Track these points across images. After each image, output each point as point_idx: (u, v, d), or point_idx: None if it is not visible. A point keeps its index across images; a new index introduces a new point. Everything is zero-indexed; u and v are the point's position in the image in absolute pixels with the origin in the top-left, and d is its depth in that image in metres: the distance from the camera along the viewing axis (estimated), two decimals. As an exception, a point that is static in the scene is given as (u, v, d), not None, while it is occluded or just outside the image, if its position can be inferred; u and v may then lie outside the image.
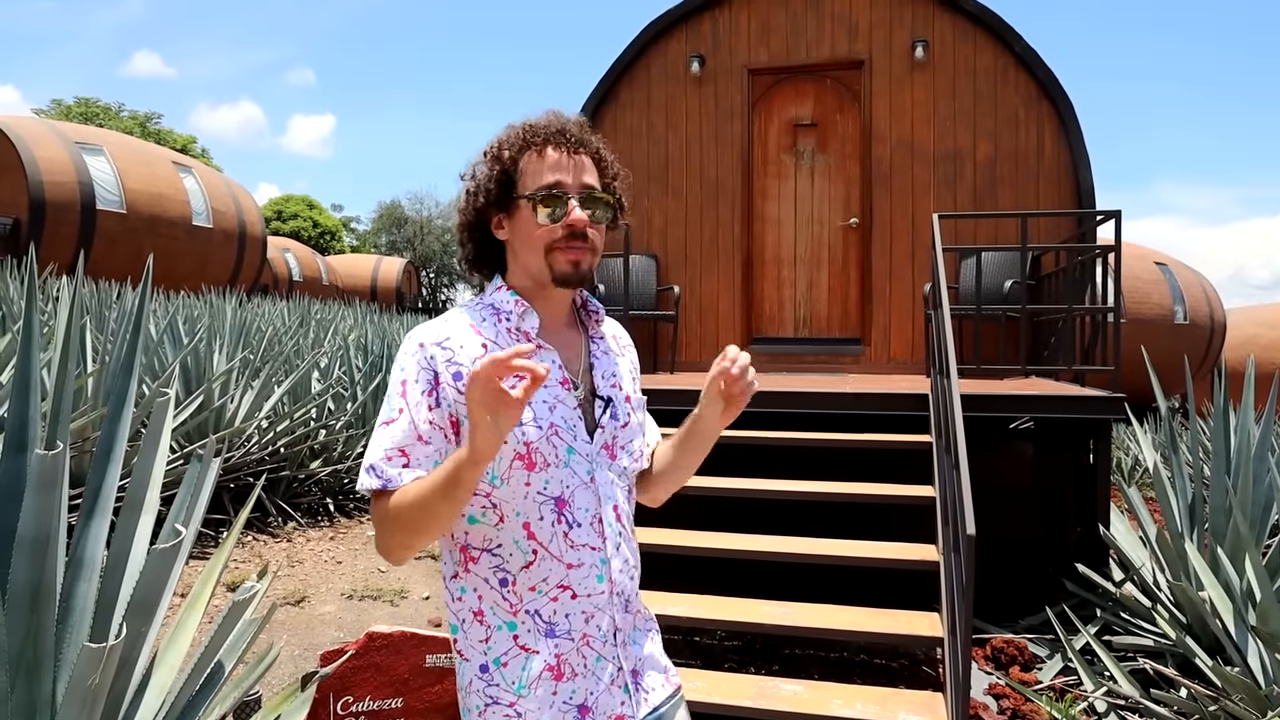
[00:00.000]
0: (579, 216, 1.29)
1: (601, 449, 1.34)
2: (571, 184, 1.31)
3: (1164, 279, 13.84)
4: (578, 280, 1.32)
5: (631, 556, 1.39)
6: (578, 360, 1.39)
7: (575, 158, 1.33)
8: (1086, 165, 5.98)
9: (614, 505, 1.34)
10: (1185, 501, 4.05)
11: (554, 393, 1.31)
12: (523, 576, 1.27)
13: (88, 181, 15.67)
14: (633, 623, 1.39)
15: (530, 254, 1.32)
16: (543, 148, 1.32)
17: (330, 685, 3.01)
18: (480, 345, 1.30)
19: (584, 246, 1.30)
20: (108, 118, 35.33)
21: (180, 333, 6.24)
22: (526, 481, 1.26)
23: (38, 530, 1.57)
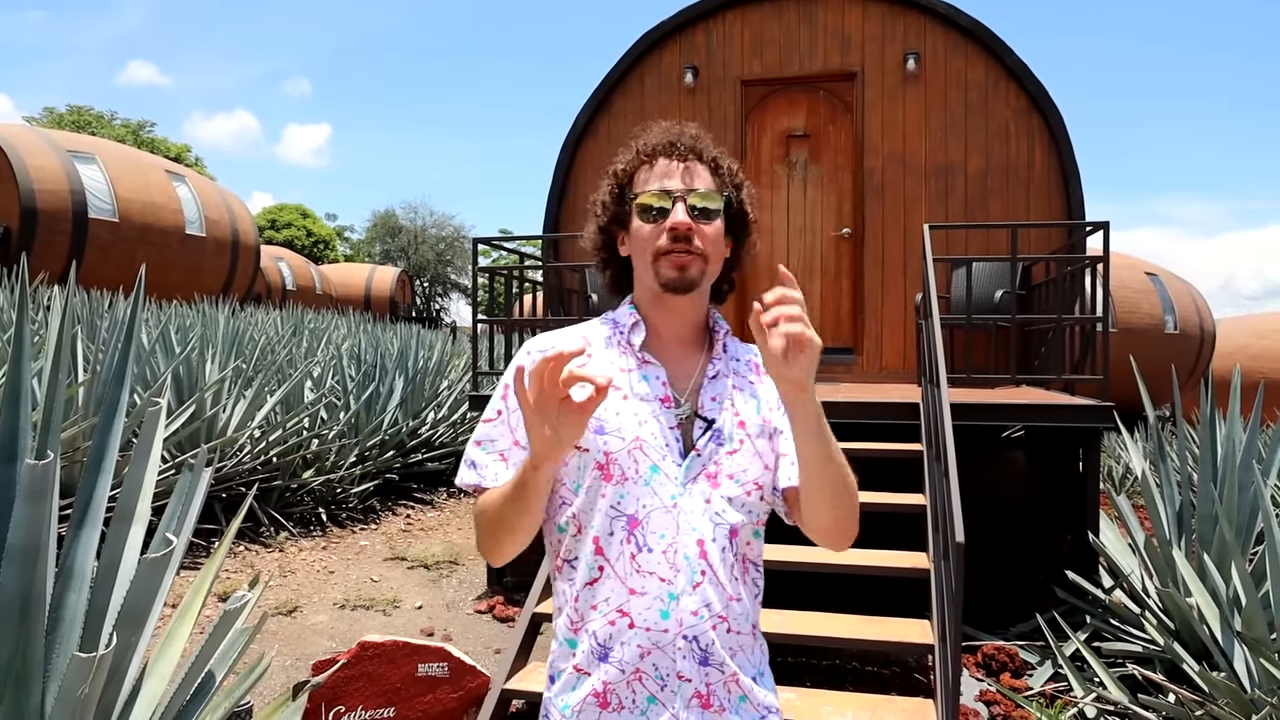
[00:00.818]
0: (680, 219, 1.24)
1: (700, 475, 1.25)
2: (678, 188, 1.27)
3: (1155, 289, 13.92)
4: (684, 286, 1.26)
5: (719, 603, 1.23)
6: (689, 379, 1.32)
7: (686, 164, 1.29)
8: (1076, 177, 6.04)
9: (699, 539, 1.22)
10: (1173, 509, 4.08)
11: (650, 408, 1.26)
12: (586, 593, 1.24)
13: (80, 190, 15.65)
14: (720, 686, 1.24)
15: (641, 263, 1.30)
16: (653, 159, 1.31)
17: (322, 695, 3.01)
18: (586, 355, 1.26)
19: (689, 250, 1.25)
20: (100, 126, 35.29)
21: (172, 342, 6.24)
22: (602, 493, 1.23)
23: (28, 540, 1.57)
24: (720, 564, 1.24)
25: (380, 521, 6.39)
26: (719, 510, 1.25)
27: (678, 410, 1.28)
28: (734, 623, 1.25)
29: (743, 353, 1.40)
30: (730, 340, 1.39)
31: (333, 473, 6.29)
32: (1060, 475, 4.83)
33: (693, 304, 1.32)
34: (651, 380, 1.29)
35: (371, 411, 7.00)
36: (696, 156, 1.31)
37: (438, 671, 3.12)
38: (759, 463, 1.29)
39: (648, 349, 1.31)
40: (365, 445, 6.71)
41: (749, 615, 1.30)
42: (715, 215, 1.28)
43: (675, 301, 1.30)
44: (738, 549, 1.27)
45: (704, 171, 1.30)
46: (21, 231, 14.67)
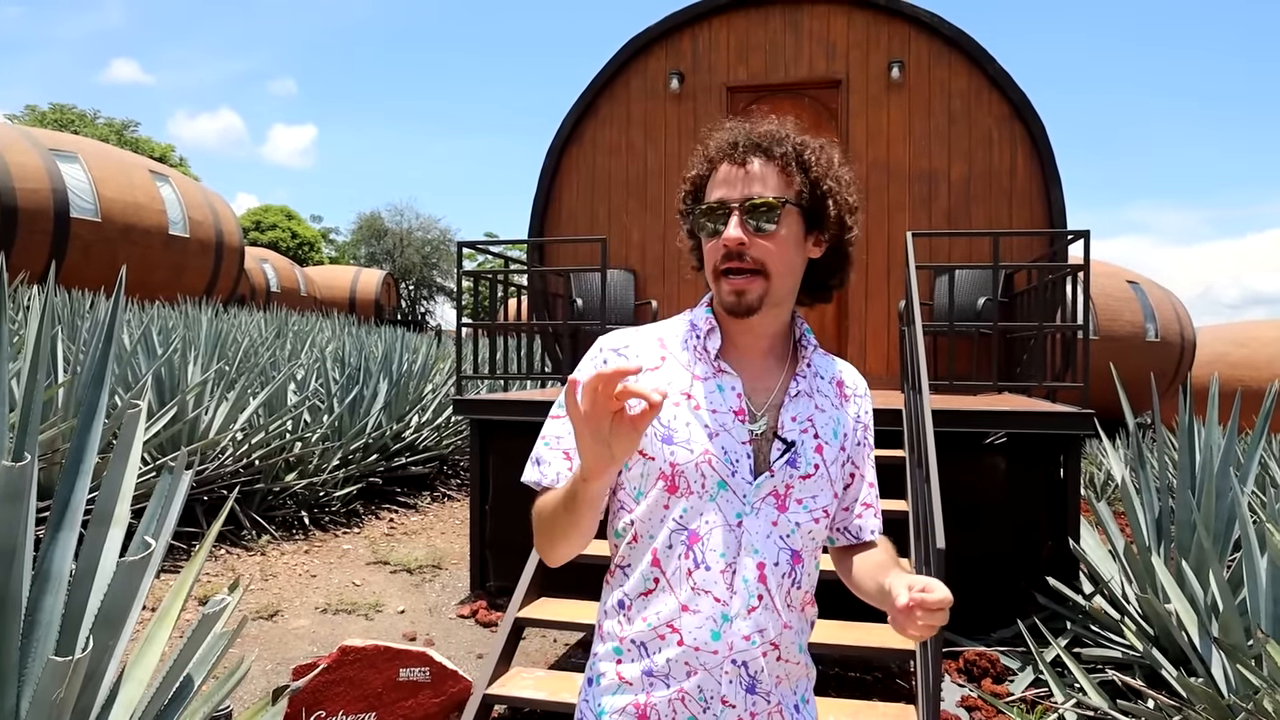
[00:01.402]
0: (730, 235, 1.17)
1: (768, 496, 1.19)
2: (734, 197, 1.19)
3: (1136, 297, 14.06)
4: (744, 310, 1.19)
5: (773, 630, 1.19)
6: (769, 394, 1.25)
7: (746, 168, 1.20)
8: (1058, 185, 6.09)
9: (760, 562, 1.18)
10: (1153, 516, 4.12)
11: (721, 420, 1.20)
12: (639, 604, 1.20)
13: (62, 189, 15.52)
14: (764, 716, 1.21)
15: (710, 278, 1.24)
16: (719, 164, 1.23)
17: (303, 699, 2.99)
18: (659, 357, 1.25)
19: (743, 269, 1.18)
20: (83, 124, 35.01)
21: (154, 343, 6.19)
22: (665, 504, 1.18)
23: (4, 542, 1.56)
24: (778, 590, 1.20)
25: (363, 525, 6.36)
26: (784, 534, 1.20)
27: (752, 425, 1.22)
28: (785, 651, 1.22)
29: (828, 369, 1.34)
30: (817, 355, 1.33)
31: (315, 476, 6.25)
32: (1041, 482, 4.86)
33: (766, 319, 1.24)
34: (726, 391, 1.22)
35: (355, 415, 6.97)
36: (763, 155, 1.21)
37: (419, 676, 3.11)
38: (830, 491, 1.26)
39: (724, 357, 1.25)
40: (349, 448, 6.68)
41: (802, 643, 1.27)
42: (773, 223, 1.18)
43: (752, 320, 1.22)
44: (798, 577, 1.23)
45: (770, 172, 1.20)
46: (1, 230, 14.52)
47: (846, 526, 1.35)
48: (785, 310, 1.27)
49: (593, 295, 6.60)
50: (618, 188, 6.85)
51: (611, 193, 6.85)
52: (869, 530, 1.36)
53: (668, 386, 1.21)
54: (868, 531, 1.36)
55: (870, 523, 1.36)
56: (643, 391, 0.93)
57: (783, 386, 1.26)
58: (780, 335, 1.29)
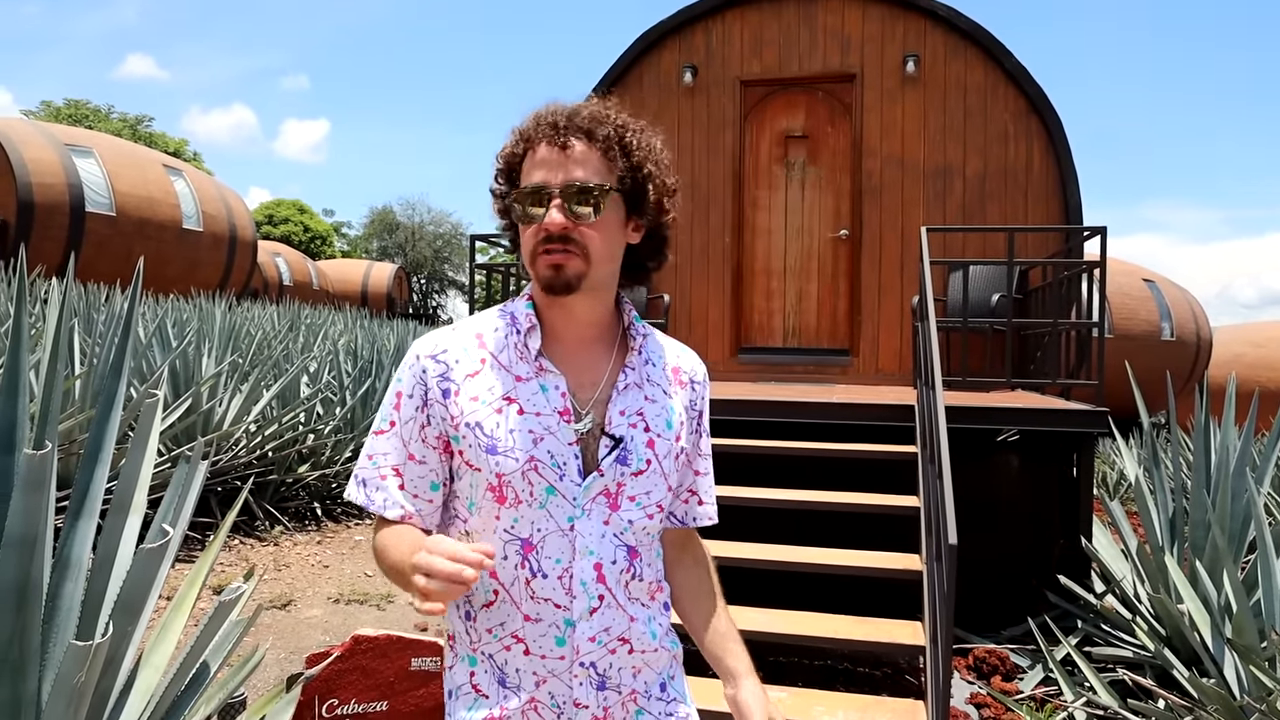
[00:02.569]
0: (552, 219, 1.13)
1: (598, 496, 1.17)
2: (553, 181, 1.14)
3: (1152, 296, 13.96)
4: (562, 286, 1.15)
5: (619, 627, 1.19)
6: (595, 389, 1.21)
7: (567, 150, 1.15)
8: (1074, 181, 6.06)
9: (597, 563, 1.16)
10: (1166, 516, 4.10)
11: (545, 423, 1.16)
12: (483, 616, 1.18)
13: (77, 184, 15.62)
14: (617, 707, 1.20)
15: (525, 262, 1.20)
16: (536, 144, 1.17)
17: (316, 688, 3.01)
18: (479, 360, 1.19)
19: (564, 249, 1.14)
20: (97, 120, 35.23)
21: (169, 336, 6.24)
22: (496, 515, 1.16)
23: (25, 529, 1.58)
24: (618, 587, 1.18)
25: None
26: (618, 532, 1.18)
27: (578, 424, 1.17)
28: (636, 643, 1.20)
29: (659, 355, 1.29)
30: (650, 341, 1.28)
31: (328, 467, 6.29)
32: (1054, 480, 4.84)
33: (588, 302, 1.20)
34: (550, 391, 1.17)
35: (367, 407, 7.00)
36: (585, 137, 1.16)
37: (431, 666, 3.13)
38: (664, 485, 1.23)
39: (547, 353, 1.20)
40: (361, 440, 6.71)
41: (655, 630, 1.25)
42: (596, 208, 1.14)
43: (566, 300, 1.18)
44: (637, 570, 1.21)
45: (591, 155, 1.16)
46: (18, 225, 14.64)
47: (673, 512, 1.34)
48: (608, 295, 1.23)
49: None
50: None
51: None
52: (693, 518, 1.36)
53: (488, 392, 1.17)
54: (692, 519, 1.36)
55: (696, 511, 1.36)
56: (476, 565, 0.92)
57: (610, 379, 1.22)
58: (605, 323, 1.25)
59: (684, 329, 6.76)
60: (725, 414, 4.66)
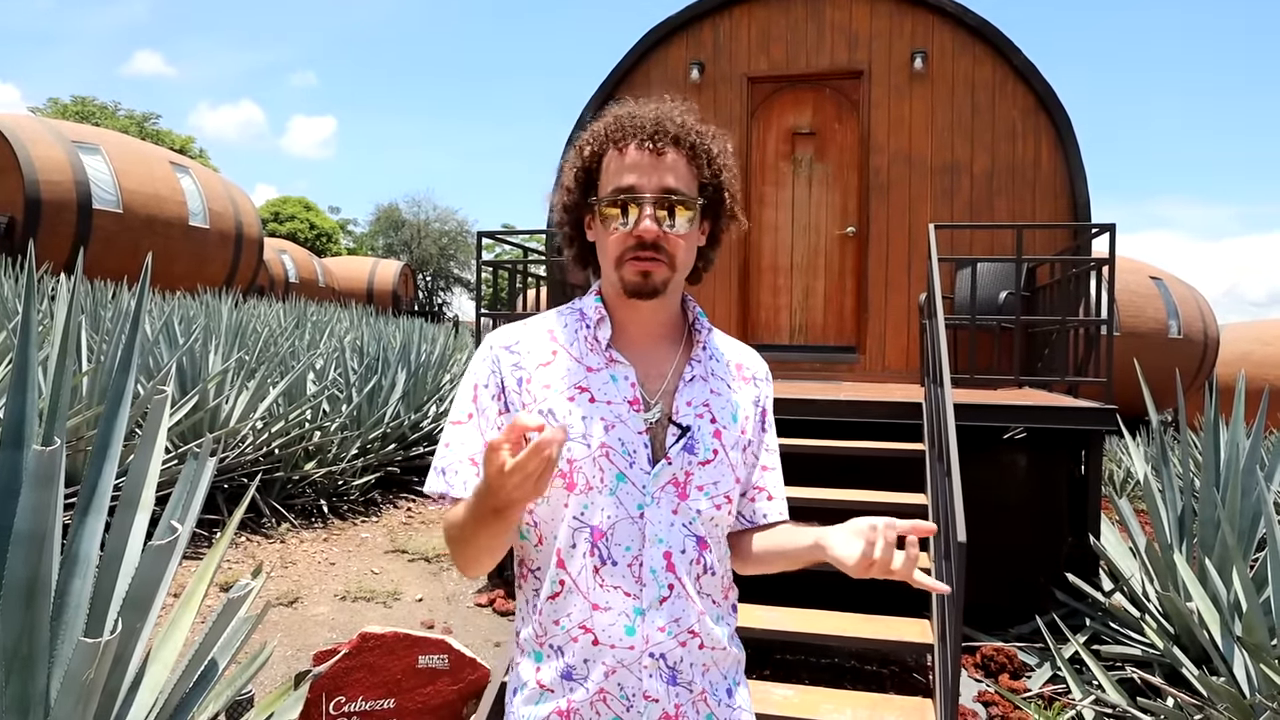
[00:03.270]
0: (647, 227, 1.15)
1: (667, 484, 1.17)
2: (647, 187, 1.16)
3: (1159, 293, 13.91)
4: (649, 292, 1.17)
5: (688, 618, 1.17)
6: (663, 380, 1.23)
7: (660, 157, 1.17)
8: (1083, 178, 6.03)
9: (666, 551, 1.16)
10: (1175, 514, 4.08)
11: (616, 411, 1.17)
12: (548, 608, 1.17)
13: (84, 181, 15.66)
14: (689, 706, 1.18)
15: (605, 263, 1.21)
16: (624, 146, 1.18)
17: (323, 685, 3.01)
18: (550, 351, 1.22)
19: (655, 257, 1.16)
20: (104, 117, 35.31)
21: (176, 332, 6.24)
22: (565, 503, 1.15)
23: (34, 526, 1.58)
24: (688, 577, 1.18)
25: (381, 514, 6.40)
26: (687, 521, 1.18)
27: (647, 414, 1.19)
28: (706, 638, 1.19)
29: (724, 352, 1.32)
30: (713, 337, 1.31)
31: (334, 465, 6.30)
32: (1062, 478, 4.83)
33: (661, 302, 1.23)
34: (620, 381, 1.20)
35: (374, 404, 7.01)
36: (674, 143, 1.19)
37: (438, 663, 3.13)
38: (732, 475, 1.24)
39: (616, 346, 1.22)
40: (367, 438, 6.71)
41: (725, 630, 1.24)
42: (688, 218, 1.18)
43: (642, 302, 1.21)
44: (708, 563, 1.21)
45: (680, 161, 1.19)
46: (26, 222, 14.68)
47: (741, 511, 1.32)
48: (677, 296, 1.27)
49: (611, 287, 6.60)
50: (636, 179, 6.83)
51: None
52: (763, 514, 1.33)
53: (560, 380, 1.19)
54: (761, 515, 1.33)
55: (765, 507, 1.34)
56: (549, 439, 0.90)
57: (676, 371, 1.24)
58: (672, 321, 1.28)
59: (690, 326, 6.74)
60: (732, 411, 4.65)
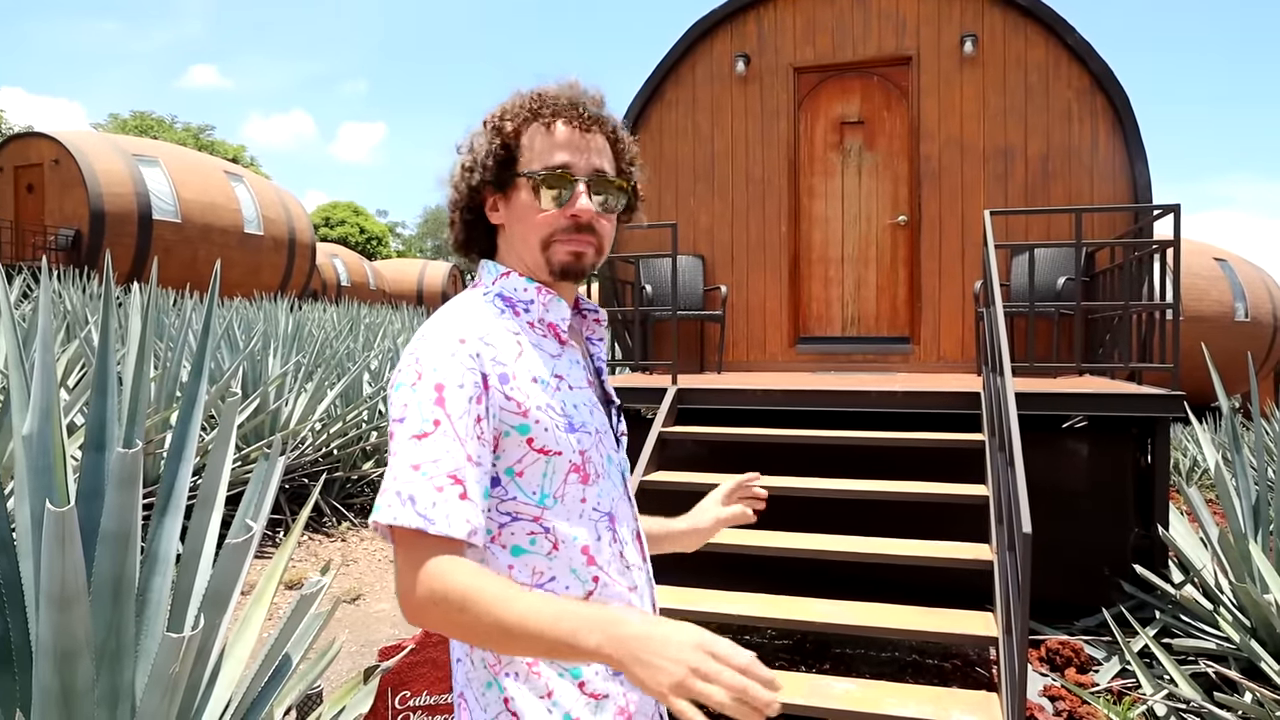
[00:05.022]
0: (584, 206, 1.11)
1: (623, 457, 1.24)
2: (581, 166, 1.12)
3: (1224, 275, 13.47)
4: (579, 273, 1.15)
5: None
6: (586, 361, 1.24)
7: (588, 136, 1.14)
8: (1143, 159, 5.86)
9: (635, 514, 1.24)
10: (1249, 502, 3.95)
11: (587, 395, 1.16)
12: None
13: (144, 193, 16.13)
14: None
15: (525, 243, 1.15)
16: (551, 121, 1.13)
17: (389, 680, 3.07)
18: (515, 341, 1.11)
19: (589, 239, 1.14)
20: (162, 130, 36.33)
21: (237, 338, 6.41)
22: (582, 498, 1.09)
23: (119, 526, 1.64)
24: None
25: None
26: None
27: (597, 393, 1.21)
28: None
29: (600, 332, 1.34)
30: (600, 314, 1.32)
31: (392, 464, 6.40)
32: (1127, 466, 4.71)
33: (576, 285, 1.22)
34: (577, 364, 1.18)
35: (428, 404, 7.11)
36: (599, 127, 1.16)
37: (500, 658, 3.17)
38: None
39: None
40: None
41: None
42: (619, 199, 1.17)
43: (566, 283, 1.18)
44: None
45: (605, 147, 1.17)
46: (91, 233, 15.18)
47: None
48: None
49: (662, 282, 6.60)
50: (685, 172, 6.82)
51: (679, 178, 6.82)
52: None
53: (541, 371, 1.11)
54: None
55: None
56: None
57: (585, 351, 1.26)
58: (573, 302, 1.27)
59: (741, 320, 6.72)
60: (785, 404, 4.62)
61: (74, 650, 1.50)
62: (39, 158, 15.93)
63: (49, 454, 1.74)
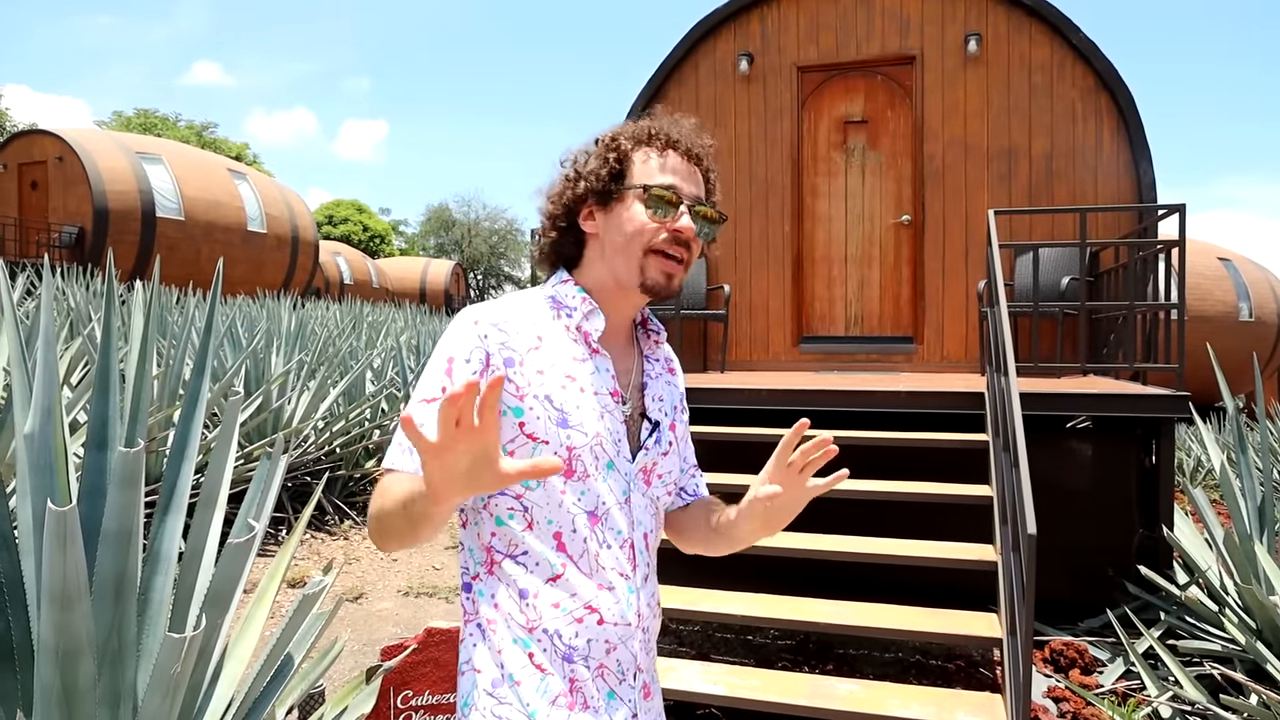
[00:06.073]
0: (687, 224, 1.22)
1: (640, 472, 1.26)
2: (688, 191, 1.24)
3: (1228, 275, 13.44)
4: (667, 293, 1.23)
5: (657, 592, 1.31)
6: (630, 376, 1.30)
7: (692, 167, 1.26)
8: (1147, 159, 5.84)
9: (645, 533, 1.26)
10: (1254, 503, 3.93)
11: (603, 402, 1.22)
12: (547, 591, 1.17)
13: (148, 190, 16.13)
14: (654, 672, 1.30)
15: (623, 252, 1.22)
16: (664, 149, 1.25)
17: (391, 679, 3.06)
18: (536, 336, 1.21)
19: (683, 255, 1.23)
20: (165, 128, 36.35)
21: (239, 335, 6.41)
22: (562, 489, 1.17)
23: (120, 525, 1.63)
24: (655, 554, 1.31)
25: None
26: (651, 504, 1.28)
27: (624, 407, 1.26)
28: (659, 607, 1.32)
29: (666, 354, 1.42)
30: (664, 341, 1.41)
31: (394, 463, 6.39)
32: (1131, 467, 4.69)
33: (643, 302, 1.29)
34: (602, 373, 1.23)
35: (431, 403, 7.10)
36: (698, 162, 1.28)
37: (502, 658, 3.16)
38: (679, 465, 1.37)
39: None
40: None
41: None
42: (712, 230, 1.27)
43: (637, 300, 1.27)
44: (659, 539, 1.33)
45: (703, 184, 1.28)
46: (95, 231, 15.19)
47: (684, 487, 1.44)
48: None
49: (663, 281, 6.58)
50: (687, 173, 6.80)
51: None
52: (696, 488, 1.46)
53: (551, 367, 1.20)
54: (695, 489, 1.46)
55: (699, 481, 1.47)
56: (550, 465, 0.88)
57: (639, 368, 1.33)
58: (631, 321, 1.34)
59: (744, 319, 6.71)
60: (788, 404, 4.61)
61: (76, 649, 1.50)
62: (43, 155, 15.96)
63: (51, 453, 1.73)
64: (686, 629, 4.44)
